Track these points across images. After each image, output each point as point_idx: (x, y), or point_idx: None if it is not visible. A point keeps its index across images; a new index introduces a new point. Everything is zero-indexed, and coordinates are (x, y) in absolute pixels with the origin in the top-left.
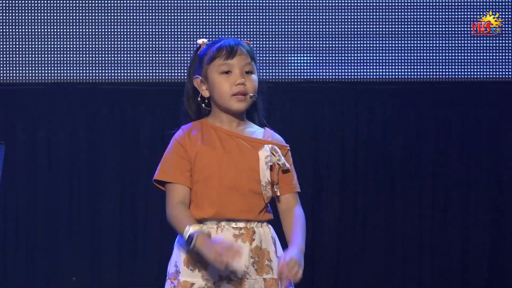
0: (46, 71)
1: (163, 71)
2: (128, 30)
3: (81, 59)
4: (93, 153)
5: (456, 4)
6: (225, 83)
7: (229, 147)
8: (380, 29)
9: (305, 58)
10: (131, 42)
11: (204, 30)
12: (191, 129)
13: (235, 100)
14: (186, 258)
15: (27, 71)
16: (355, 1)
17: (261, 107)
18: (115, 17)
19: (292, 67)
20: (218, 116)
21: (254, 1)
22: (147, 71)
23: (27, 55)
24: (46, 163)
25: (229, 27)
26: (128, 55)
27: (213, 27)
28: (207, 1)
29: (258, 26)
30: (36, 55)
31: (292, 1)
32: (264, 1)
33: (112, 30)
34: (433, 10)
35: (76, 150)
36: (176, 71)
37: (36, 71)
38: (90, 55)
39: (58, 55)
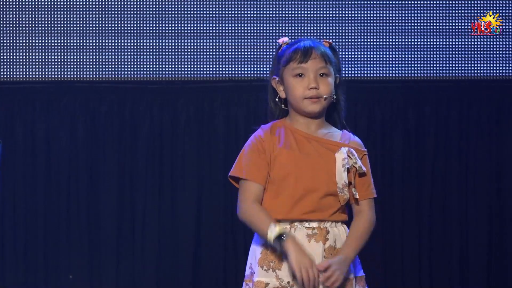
0: (45, 70)
1: (162, 69)
2: (127, 28)
3: (79, 57)
4: (91, 151)
5: (456, 3)
6: (298, 87)
7: (306, 149)
8: (379, 27)
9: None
10: (130, 40)
11: (203, 27)
12: (271, 130)
13: (308, 102)
14: (260, 259)
15: (25, 70)
16: None
17: (342, 108)
18: (114, 15)
19: None
20: (296, 118)
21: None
22: (146, 69)
23: (25, 54)
24: (44, 161)
25: (228, 24)
26: (127, 54)
27: (212, 24)
28: None
29: (256, 24)
30: (35, 54)
31: (289, 0)
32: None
33: (111, 28)
34: (433, 9)
35: (75, 148)
36: (175, 69)
37: (35, 70)
38: (89, 53)
39: (57, 53)
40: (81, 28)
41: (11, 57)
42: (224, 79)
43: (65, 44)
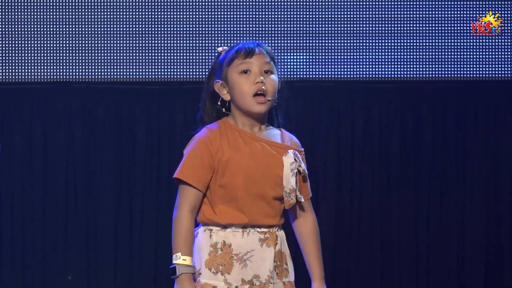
0: (42, 70)
1: (159, 70)
2: (124, 29)
3: (77, 58)
4: (89, 152)
5: (456, 3)
6: (245, 83)
7: (255, 151)
8: (376, 28)
9: (301, 57)
10: (127, 41)
11: (199, 28)
12: (219, 131)
13: (255, 102)
14: (208, 260)
15: (23, 70)
16: None
17: (279, 107)
18: (111, 16)
19: (288, 66)
20: (240, 118)
21: (250, 1)
22: (143, 70)
23: (23, 54)
24: (42, 162)
25: (225, 26)
26: (124, 54)
27: (209, 25)
28: (202, 0)
29: (253, 25)
30: (32, 54)
31: (288, 0)
32: (260, 0)
33: (108, 29)
34: (433, 9)
35: (72, 149)
36: (172, 70)
37: (32, 70)
38: (86, 54)
39: (54, 54)
40: (78, 29)
41: (8, 58)
42: None
43: (62, 45)
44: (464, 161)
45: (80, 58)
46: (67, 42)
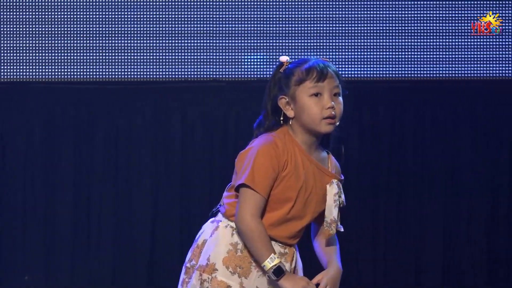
0: (1, 70)
1: (119, 70)
2: (83, 28)
3: (35, 58)
4: (47, 152)
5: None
6: (316, 106)
7: (307, 173)
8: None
9: (259, 57)
10: (86, 41)
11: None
12: (285, 142)
13: (324, 123)
14: (226, 258)
15: None
16: None
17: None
18: (70, 16)
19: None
20: (300, 136)
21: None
22: (103, 70)
23: None
24: (0, 161)
25: (181, 25)
26: (84, 54)
27: (166, 25)
28: None
29: (213, 25)
30: None
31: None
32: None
33: (66, 28)
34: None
35: (31, 149)
36: (132, 70)
37: None
38: (45, 54)
39: (12, 54)
40: (38, 29)
41: None
42: (180, 79)
43: (22, 45)
44: (422, 160)
45: (38, 58)
46: (27, 41)
